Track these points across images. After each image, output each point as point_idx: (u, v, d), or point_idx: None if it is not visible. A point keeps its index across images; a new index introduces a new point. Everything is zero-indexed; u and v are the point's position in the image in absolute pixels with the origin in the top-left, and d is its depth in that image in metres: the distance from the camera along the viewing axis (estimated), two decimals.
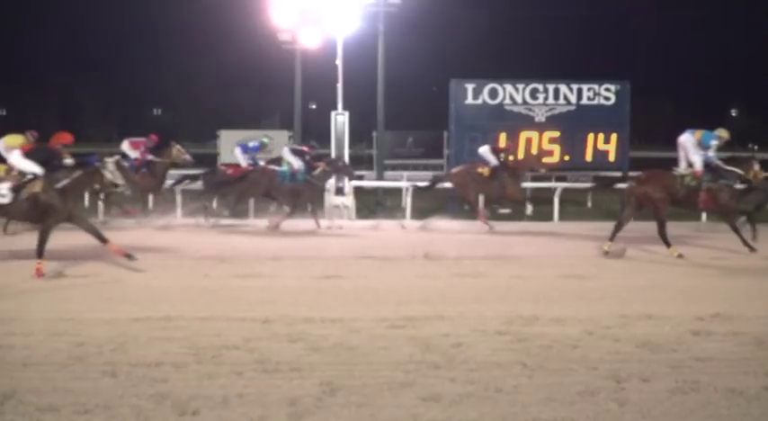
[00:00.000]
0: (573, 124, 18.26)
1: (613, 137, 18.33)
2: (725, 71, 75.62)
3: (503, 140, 17.62)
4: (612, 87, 18.65)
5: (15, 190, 9.83)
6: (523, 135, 18.13)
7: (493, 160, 15.67)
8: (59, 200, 9.77)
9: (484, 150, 15.99)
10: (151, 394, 4.91)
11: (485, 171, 15.66)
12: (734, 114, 76.87)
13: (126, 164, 11.80)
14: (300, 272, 9.74)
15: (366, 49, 22.21)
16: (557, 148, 18.26)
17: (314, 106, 58.08)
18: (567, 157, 18.38)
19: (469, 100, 18.40)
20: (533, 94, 18.50)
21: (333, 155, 19.01)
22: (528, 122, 18.34)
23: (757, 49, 73.29)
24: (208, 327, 6.67)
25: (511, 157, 16.15)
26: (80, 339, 6.23)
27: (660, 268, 10.40)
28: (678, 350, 6.11)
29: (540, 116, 18.48)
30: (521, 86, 18.53)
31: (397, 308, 7.59)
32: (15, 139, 14.48)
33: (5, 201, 9.82)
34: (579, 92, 18.55)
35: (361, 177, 23.46)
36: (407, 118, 51.87)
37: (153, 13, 77.44)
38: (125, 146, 17.00)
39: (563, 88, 18.58)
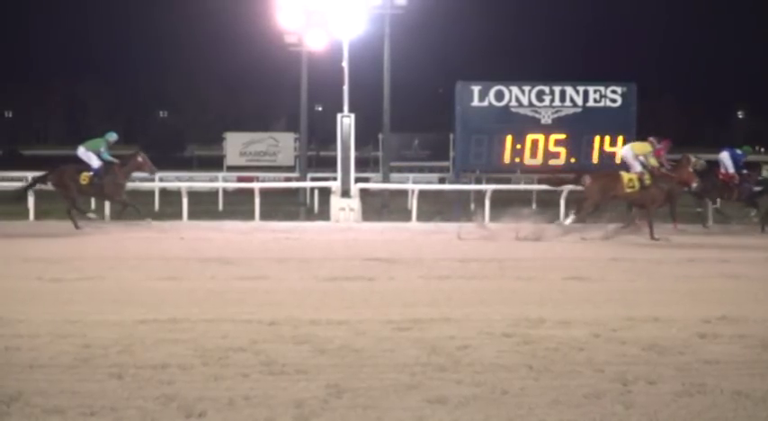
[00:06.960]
0: (579, 126, 18.23)
1: (620, 139, 18.28)
2: (732, 73, 75.47)
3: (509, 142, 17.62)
4: (619, 89, 18.61)
5: None
6: (529, 137, 18.12)
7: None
8: None
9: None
10: (157, 396, 4.92)
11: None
12: (740, 116, 76.64)
13: None
14: (306, 274, 9.74)
15: (372, 51, 22.25)
16: (563, 151, 18.24)
17: (320, 108, 58.11)
18: (573, 160, 18.35)
19: (475, 102, 18.38)
20: (539, 96, 18.47)
21: (339, 157, 19.04)
22: (534, 124, 18.31)
23: (764, 51, 73.17)
24: (214, 329, 6.67)
25: None
26: (86, 341, 6.23)
27: (666, 270, 10.37)
28: (684, 352, 6.09)
29: (546, 118, 18.45)
30: (527, 88, 18.49)
31: (403, 310, 7.59)
32: (643, 147, 15.00)
33: None
34: (585, 94, 18.52)
35: (366, 179, 23.47)
36: (413, 120, 51.86)
37: (158, 15, 77.73)
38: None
39: (569, 90, 18.54)
